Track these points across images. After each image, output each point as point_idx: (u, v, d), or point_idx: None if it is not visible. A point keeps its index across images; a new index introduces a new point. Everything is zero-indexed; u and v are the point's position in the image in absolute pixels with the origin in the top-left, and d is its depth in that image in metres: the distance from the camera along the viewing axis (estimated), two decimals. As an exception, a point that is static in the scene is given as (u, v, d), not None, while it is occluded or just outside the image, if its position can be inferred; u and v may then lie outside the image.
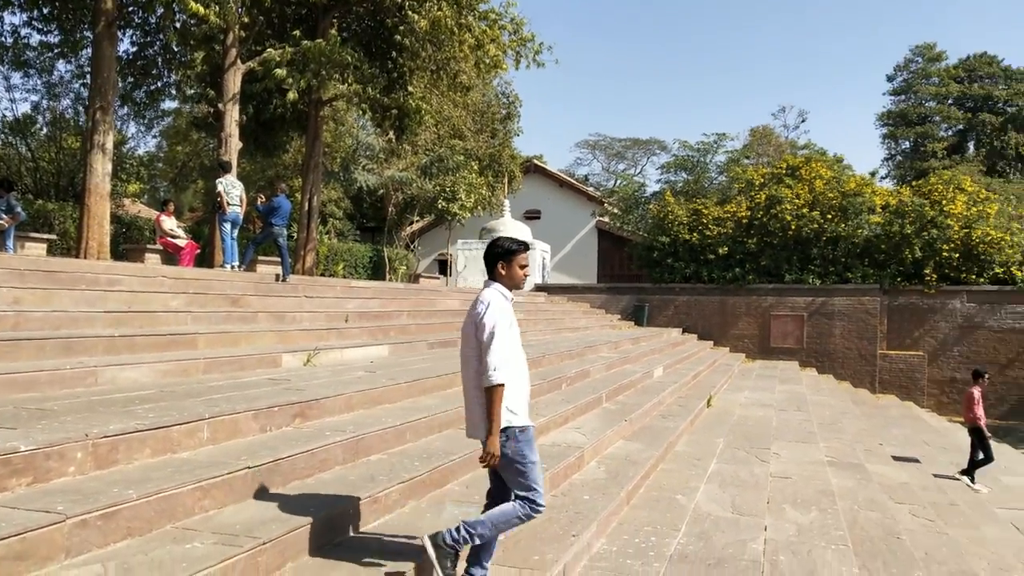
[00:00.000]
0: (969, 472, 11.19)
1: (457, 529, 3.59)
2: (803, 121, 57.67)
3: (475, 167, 24.55)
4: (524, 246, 3.91)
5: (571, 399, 8.23)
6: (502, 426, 3.59)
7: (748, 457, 8.09)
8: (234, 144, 14.49)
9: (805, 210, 20.03)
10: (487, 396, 3.54)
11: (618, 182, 28.39)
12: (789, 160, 22.97)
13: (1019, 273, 18.66)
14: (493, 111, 27.72)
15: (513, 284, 3.88)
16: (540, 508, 3.69)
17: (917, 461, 11.62)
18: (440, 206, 22.78)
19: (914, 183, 22.23)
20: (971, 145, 40.14)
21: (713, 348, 19.78)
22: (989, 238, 18.65)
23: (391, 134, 17.95)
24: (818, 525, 5.87)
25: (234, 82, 14.39)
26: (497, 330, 3.60)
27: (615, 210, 26.96)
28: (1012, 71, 40.80)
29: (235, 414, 4.54)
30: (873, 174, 31.17)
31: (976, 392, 11.48)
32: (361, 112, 18.05)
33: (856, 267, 19.86)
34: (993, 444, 11.81)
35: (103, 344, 6.08)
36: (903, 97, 42.69)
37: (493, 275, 3.87)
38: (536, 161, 33.66)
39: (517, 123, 28.42)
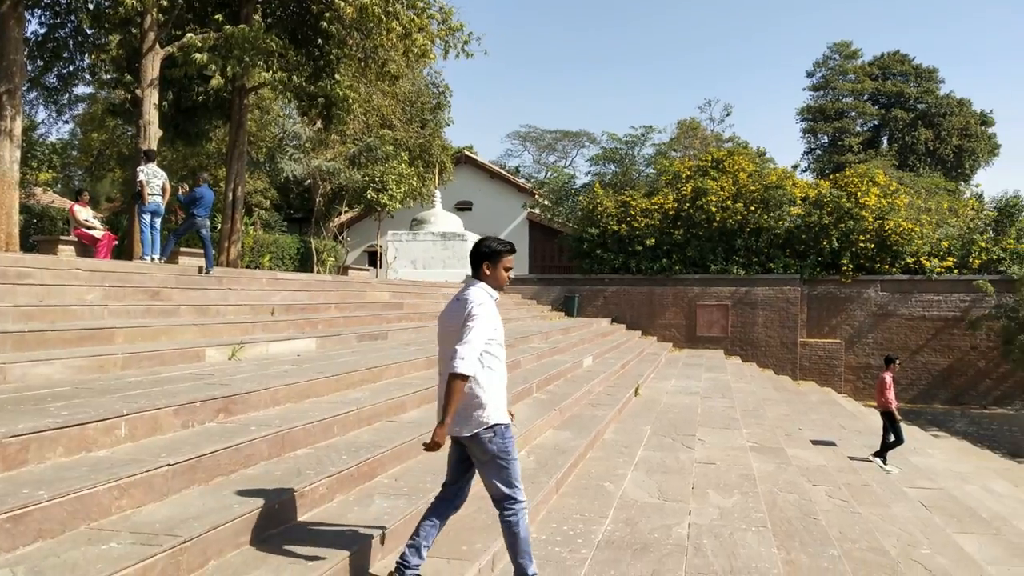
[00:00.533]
0: (881, 454, 11.71)
1: None
2: (728, 114, 59.00)
3: (405, 157, 24.32)
4: (511, 248, 3.95)
5: (501, 390, 8.26)
6: (490, 423, 3.69)
7: (674, 444, 8.29)
8: (153, 132, 14.00)
9: (729, 202, 20.54)
10: (449, 383, 3.53)
11: (549, 174, 28.58)
12: (714, 153, 23.51)
13: (928, 263, 19.58)
14: (423, 101, 27.49)
15: (497, 284, 3.90)
16: (522, 502, 3.79)
17: (834, 444, 12.09)
18: (369, 197, 22.51)
19: (832, 176, 23.04)
20: (884, 140, 41.83)
21: (641, 338, 20.14)
22: (900, 229, 19.49)
23: (318, 123, 17.62)
24: (740, 508, 6.06)
25: (152, 67, 13.89)
26: (481, 327, 3.63)
27: (546, 202, 27.12)
28: (922, 69, 42.67)
29: (155, 410, 4.41)
30: (795, 167, 32.18)
31: (888, 377, 12.01)
32: (287, 100, 17.68)
33: (778, 258, 20.50)
34: (904, 427, 12.38)
35: (11, 340, 5.81)
36: (822, 93, 44.16)
37: (478, 274, 3.89)
38: (467, 152, 33.57)
39: (447, 113, 28.26)
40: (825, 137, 43.20)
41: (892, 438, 11.71)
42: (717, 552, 5.00)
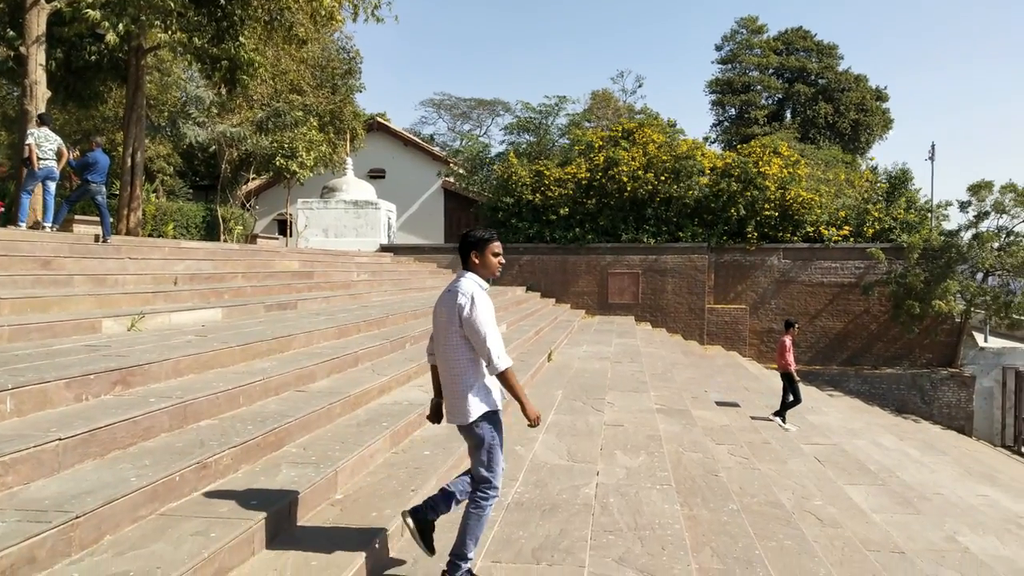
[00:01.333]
0: (781, 413, 12.27)
1: (452, 568, 3.80)
2: (640, 86, 59.89)
3: (315, 123, 23.67)
4: (495, 235, 4.06)
5: (415, 358, 8.25)
6: (489, 410, 3.86)
7: (584, 408, 8.47)
8: (41, 92, 13.17)
9: (640, 172, 20.90)
10: (503, 381, 3.81)
11: (463, 142, 28.29)
12: (626, 124, 23.82)
13: (827, 232, 20.47)
14: (333, 66, 26.73)
15: (488, 273, 4.01)
16: (496, 488, 3.92)
17: (737, 405, 12.60)
18: (278, 164, 21.87)
19: (738, 147, 23.72)
20: (788, 113, 43.25)
21: (555, 305, 20.40)
22: (801, 199, 20.29)
23: (222, 87, 16.88)
24: (646, 468, 6.26)
25: (38, 23, 13.02)
26: (488, 322, 3.77)
27: (461, 170, 26.94)
28: (823, 45, 44.18)
29: (44, 383, 4.20)
30: (707, 140, 32.93)
31: (787, 340, 12.55)
32: (188, 63, 16.86)
33: (687, 227, 21.03)
34: (802, 387, 13.01)
35: None
36: (729, 67, 45.20)
37: (467, 265, 4.00)
38: (380, 119, 32.92)
39: (359, 79, 27.58)
40: (733, 110, 44.32)
41: (791, 398, 12.27)
42: (623, 510, 5.16)
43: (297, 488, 4.16)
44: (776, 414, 12.31)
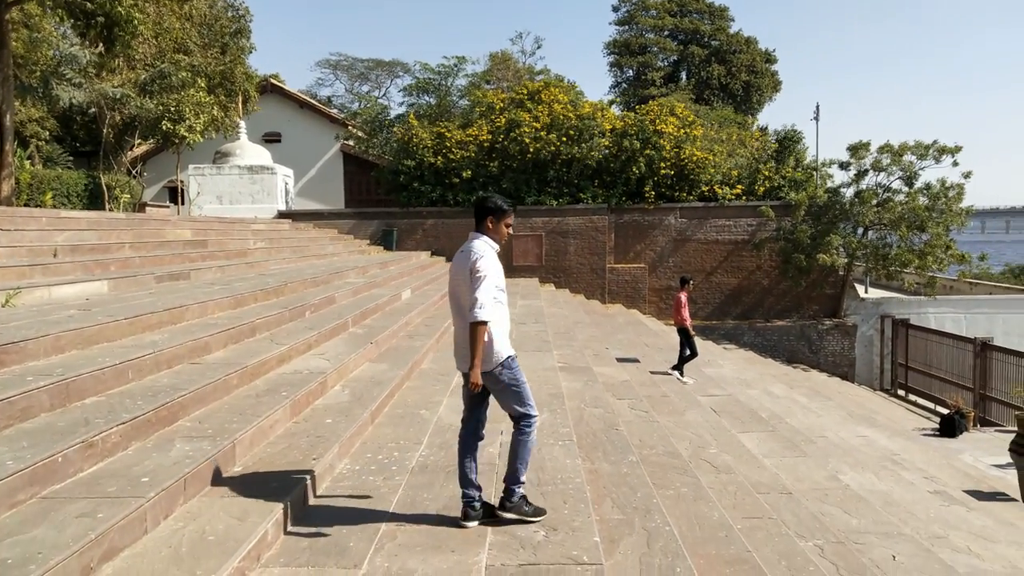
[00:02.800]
0: (678, 367, 12.73)
1: (509, 492, 4.31)
2: (539, 47, 59.61)
3: (203, 85, 22.56)
4: (514, 207, 4.48)
5: (315, 326, 8.10)
6: (501, 358, 4.22)
7: (489, 369, 8.53)
8: None
9: (543, 133, 20.97)
10: (472, 331, 4.05)
11: (362, 104, 27.62)
12: (528, 85, 23.80)
13: (720, 191, 21.16)
14: (222, 24, 25.49)
15: (498, 238, 4.39)
16: (535, 417, 4.39)
17: (637, 361, 12.99)
18: (165, 128, 20.78)
19: (636, 107, 24.10)
20: (683, 75, 44.20)
21: (460, 269, 20.36)
22: (696, 158, 20.86)
23: (99, 46, 15.85)
24: (548, 425, 6.39)
25: None
26: (489, 275, 4.11)
27: (360, 133, 26.35)
28: (715, 8, 45.23)
29: (-95, 366, 3.92)
30: (612, 103, 33.29)
31: (683, 297, 12.97)
32: (59, 19, 15.74)
33: (588, 188, 21.31)
34: (698, 341, 13.51)
35: None
36: (627, 28, 45.71)
37: (481, 228, 4.37)
38: (274, 80, 31.71)
39: (249, 39, 26.41)
40: (630, 71, 44.93)
41: (688, 352, 12.72)
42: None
43: (193, 462, 4.04)
44: (674, 368, 12.75)
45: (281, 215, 21.57)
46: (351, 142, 27.29)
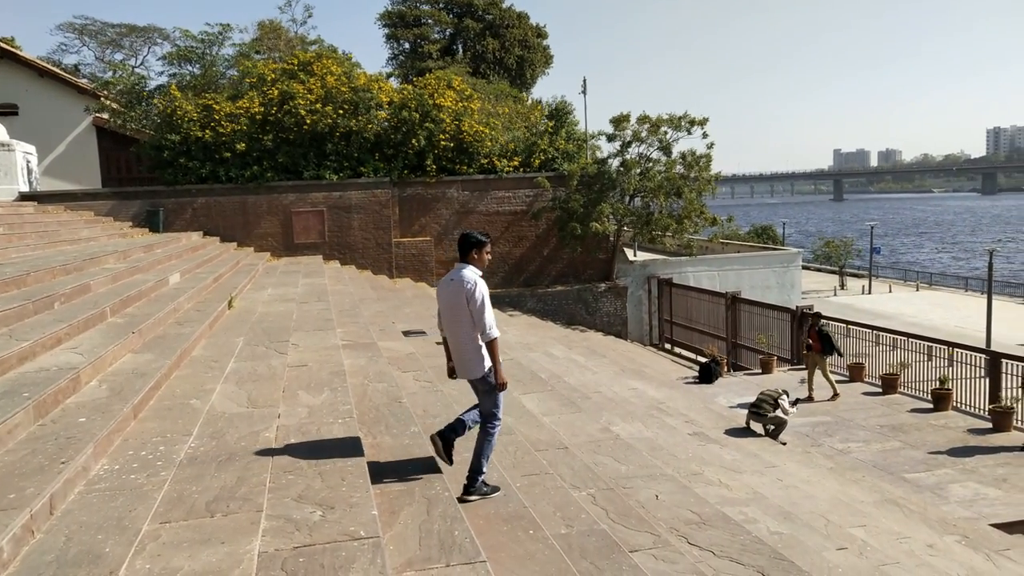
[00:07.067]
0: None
1: (472, 480, 5.40)
2: (310, 16, 57.29)
3: (-87, 48, 19.49)
4: (489, 238, 5.72)
5: (66, 318, 7.36)
6: (489, 367, 5.31)
7: (267, 352, 8.26)
8: None
9: (319, 106, 20.32)
10: (489, 346, 5.29)
11: (115, 73, 25.09)
12: (301, 56, 22.88)
13: (499, 163, 21.75)
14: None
15: (482, 267, 5.53)
16: (499, 420, 5.54)
17: (424, 333, 13.13)
18: None
19: (414, 80, 24.04)
20: (460, 48, 44.64)
21: (237, 249, 19.38)
22: (475, 131, 21.27)
23: None
24: (328, 404, 6.31)
25: None
26: (486, 301, 5.28)
27: (115, 105, 23.99)
28: (487, -19, 45.98)
29: None
30: (390, 76, 32.83)
31: (466, 267, 13.23)
32: None
33: (369, 162, 21.02)
34: (482, 310, 13.87)
35: None
36: (401, -1, 45.30)
37: (467, 259, 5.49)
38: (5, 44, 27.99)
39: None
40: (407, 44, 44.64)
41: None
42: (304, 449, 5.18)
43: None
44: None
45: (23, 197, 19.23)
46: (106, 115, 24.77)
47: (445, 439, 5.47)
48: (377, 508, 4.32)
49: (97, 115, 25.47)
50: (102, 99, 25.50)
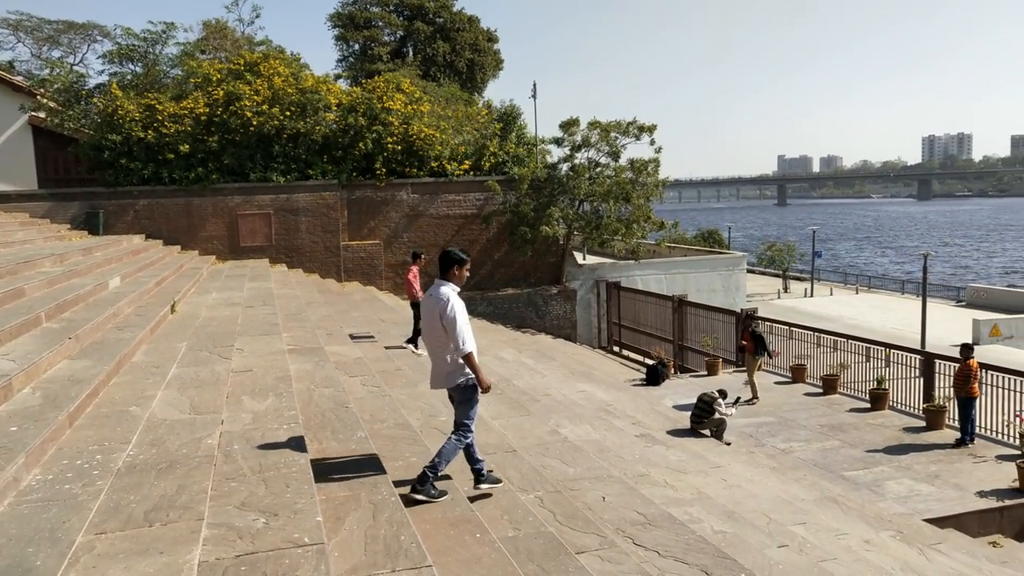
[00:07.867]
0: (413, 340, 12.95)
1: (423, 478, 5.35)
2: (257, 16, 56.39)
3: None
4: (468, 257, 5.84)
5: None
6: (467, 376, 5.47)
7: (211, 357, 8.10)
8: None
9: (265, 107, 20.03)
10: (467, 359, 5.41)
11: (53, 71, 24.34)
12: (247, 56, 22.52)
13: (449, 166, 21.71)
14: None
15: (460, 283, 5.68)
16: (471, 432, 5.63)
17: (372, 338, 13.04)
18: None
19: (363, 82, 23.85)
20: (410, 51, 44.41)
21: (181, 252, 18.96)
22: (424, 135, 21.19)
23: None
24: (273, 410, 6.23)
25: None
26: (460, 317, 5.40)
27: (52, 104, 23.26)
28: (438, -15, 45.83)
29: None
30: (338, 77, 32.49)
31: (415, 271, 13.21)
32: None
33: (316, 164, 20.79)
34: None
35: None
36: (350, 0, 44.85)
37: (447, 276, 5.61)
38: (-66, 40, 26.95)
39: None
40: (356, 45, 44.26)
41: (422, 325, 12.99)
42: (247, 455, 5.10)
43: None
44: (408, 341, 12.97)
45: (-47, 198, 18.53)
46: (42, 114, 23.99)
47: (476, 472, 5.82)
48: (322, 514, 4.28)
49: (33, 114, 24.63)
50: (38, 97, 24.69)
